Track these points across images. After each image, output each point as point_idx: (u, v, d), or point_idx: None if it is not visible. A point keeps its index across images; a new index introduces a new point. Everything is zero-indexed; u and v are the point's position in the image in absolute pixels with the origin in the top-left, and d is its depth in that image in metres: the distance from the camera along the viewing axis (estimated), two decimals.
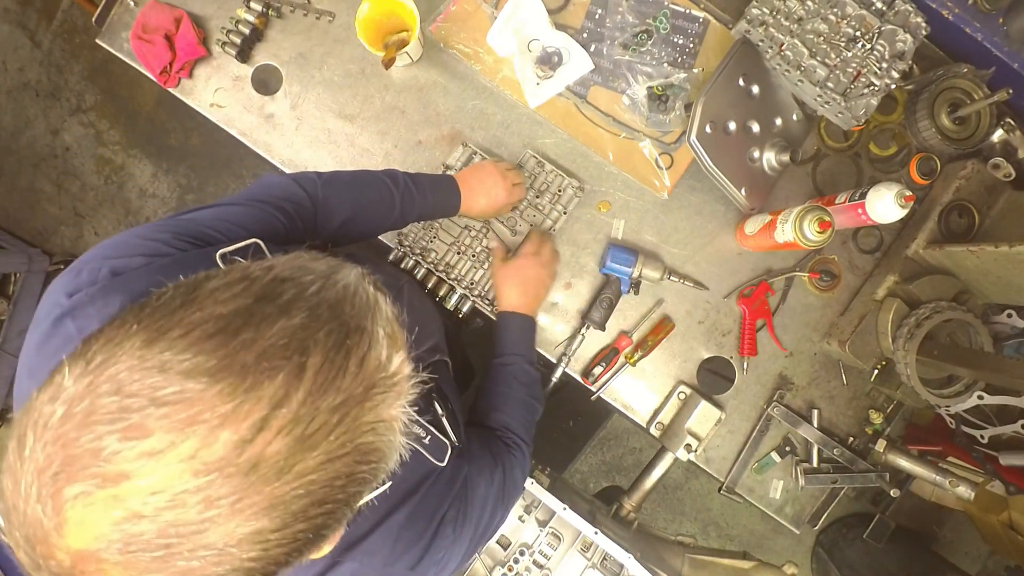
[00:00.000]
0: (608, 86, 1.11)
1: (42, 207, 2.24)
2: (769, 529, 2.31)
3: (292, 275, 0.40)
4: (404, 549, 0.63)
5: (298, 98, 1.10)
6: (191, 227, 0.65)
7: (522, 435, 0.89)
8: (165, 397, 0.33)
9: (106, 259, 0.59)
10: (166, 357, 0.34)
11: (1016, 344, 1.03)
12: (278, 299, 0.38)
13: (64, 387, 0.34)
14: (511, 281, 0.99)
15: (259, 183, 0.79)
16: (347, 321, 0.39)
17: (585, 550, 1.00)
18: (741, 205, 1.08)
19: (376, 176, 0.89)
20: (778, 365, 1.14)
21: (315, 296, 0.39)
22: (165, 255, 0.61)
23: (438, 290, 1.08)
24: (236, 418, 0.34)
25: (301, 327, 0.37)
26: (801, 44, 1.03)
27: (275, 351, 0.36)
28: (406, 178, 0.90)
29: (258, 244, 0.63)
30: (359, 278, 0.43)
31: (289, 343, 0.36)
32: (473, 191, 0.95)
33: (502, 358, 0.95)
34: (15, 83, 2.19)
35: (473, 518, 0.71)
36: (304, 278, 0.40)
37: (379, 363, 0.40)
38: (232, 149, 2.16)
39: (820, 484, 1.12)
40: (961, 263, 0.99)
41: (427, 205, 0.91)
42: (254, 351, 0.35)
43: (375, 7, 0.98)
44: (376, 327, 0.41)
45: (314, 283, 0.40)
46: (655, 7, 1.09)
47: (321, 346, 0.37)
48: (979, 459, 1.08)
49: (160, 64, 1.06)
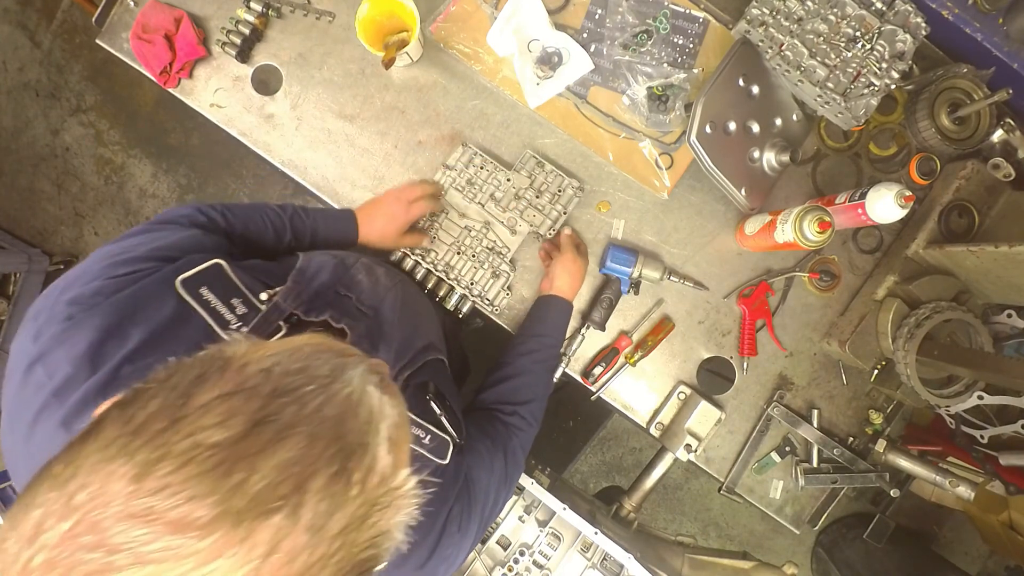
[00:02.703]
0: (608, 86, 1.11)
1: (42, 207, 2.24)
2: (769, 529, 2.31)
3: (292, 385, 0.38)
4: (411, 550, 0.62)
5: (298, 98, 1.11)
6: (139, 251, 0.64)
7: (536, 414, 0.90)
8: (151, 555, 0.31)
9: (62, 293, 0.58)
10: (153, 502, 0.31)
11: (1016, 344, 1.03)
12: (275, 422, 0.36)
13: (42, 529, 0.31)
14: (568, 269, 1.02)
15: (156, 216, 0.79)
16: (349, 441, 0.37)
17: (585, 550, 1.00)
18: (741, 205, 1.08)
19: (264, 204, 0.91)
20: (778, 365, 1.14)
21: (315, 415, 0.37)
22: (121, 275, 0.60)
23: (438, 290, 1.08)
24: (228, 569, 0.32)
25: (298, 459, 0.35)
26: (801, 44, 1.03)
27: (270, 491, 0.33)
28: (295, 206, 0.93)
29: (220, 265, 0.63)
30: (363, 380, 0.41)
31: (286, 480, 0.34)
32: (370, 215, 0.97)
33: (541, 338, 0.97)
34: (15, 83, 2.19)
35: (477, 510, 0.71)
36: (305, 388, 0.38)
37: (382, 479, 0.38)
38: (232, 149, 2.16)
39: (820, 484, 1.12)
40: (961, 263, 0.99)
41: (318, 228, 0.93)
42: (248, 495, 0.33)
43: (375, 7, 0.98)
44: (379, 441, 0.39)
45: (315, 397, 0.38)
46: (655, 7, 1.09)
47: (320, 477, 0.35)
48: (979, 459, 1.08)
49: (160, 64, 1.06)
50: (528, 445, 0.88)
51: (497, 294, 1.08)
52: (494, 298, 1.08)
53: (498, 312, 1.08)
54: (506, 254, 1.07)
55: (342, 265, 0.77)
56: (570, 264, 1.02)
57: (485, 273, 1.07)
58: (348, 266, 0.78)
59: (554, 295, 1.02)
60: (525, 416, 0.88)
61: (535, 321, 1.01)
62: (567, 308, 1.02)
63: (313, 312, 0.67)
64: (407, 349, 0.71)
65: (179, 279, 0.60)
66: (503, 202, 1.08)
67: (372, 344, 0.69)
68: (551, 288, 1.02)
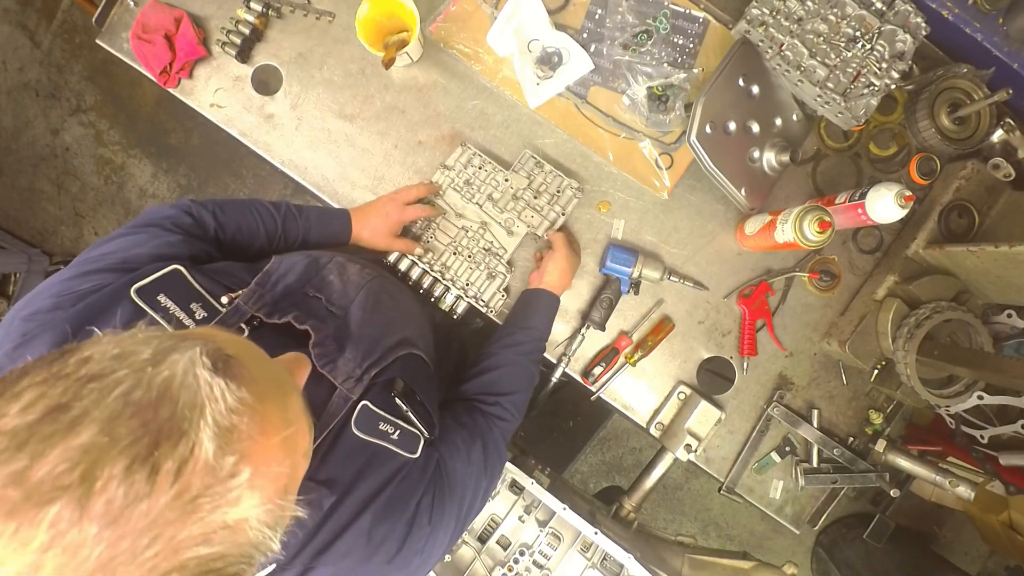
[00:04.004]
0: (608, 86, 1.11)
1: (42, 207, 2.24)
2: (769, 529, 2.31)
3: (106, 371, 0.35)
4: (378, 544, 0.62)
5: (298, 98, 1.11)
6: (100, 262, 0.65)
7: (519, 406, 0.89)
8: None
9: (19, 311, 0.59)
10: None
11: (1016, 344, 1.03)
12: (74, 408, 0.33)
13: None
14: (559, 264, 1.02)
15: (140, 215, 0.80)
16: (159, 427, 0.34)
17: (585, 550, 1.00)
18: (741, 205, 1.08)
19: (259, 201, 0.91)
20: (778, 365, 1.14)
21: (120, 399, 0.34)
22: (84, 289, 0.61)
23: (434, 290, 1.08)
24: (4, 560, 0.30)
25: (88, 446, 0.32)
26: (801, 44, 1.03)
27: (51, 479, 0.31)
28: (289, 204, 0.93)
29: (179, 271, 0.63)
30: (191, 364, 0.37)
31: (72, 468, 0.32)
32: (365, 214, 0.99)
33: (527, 330, 0.97)
34: (15, 83, 2.19)
35: (455, 500, 0.71)
36: (116, 374, 0.35)
37: (208, 469, 0.35)
38: (232, 149, 2.16)
39: (820, 484, 1.12)
40: (961, 263, 0.99)
41: (311, 228, 0.93)
42: (24, 487, 0.31)
43: (375, 7, 0.98)
44: (203, 427, 0.36)
45: (123, 382, 0.35)
46: (655, 7, 1.09)
47: (115, 465, 0.32)
48: (979, 459, 1.08)
49: (160, 64, 1.06)
50: (508, 436, 0.87)
51: (492, 296, 1.08)
52: (489, 299, 1.07)
53: (495, 313, 1.08)
54: (503, 255, 1.07)
55: (314, 266, 0.77)
56: (562, 260, 1.02)
57: (481, 274, 1.07)
58: (320, 266, 0.78)
59: (542, 288, 1.01)
60: (507, 407, 0.87)
61: (521, 313, 1.01)
62: (554, 302, 1.02)
63: (276, 314, 0.67)
64: (375, 347, 0.71)
65: (134, 287, 0.61)
66: (501, 203, 1.08)
67: (339, 344, 0.68)
68: (540, 281, 1.02)
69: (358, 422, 0.64)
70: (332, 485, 0.60)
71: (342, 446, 0.63)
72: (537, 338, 0.98)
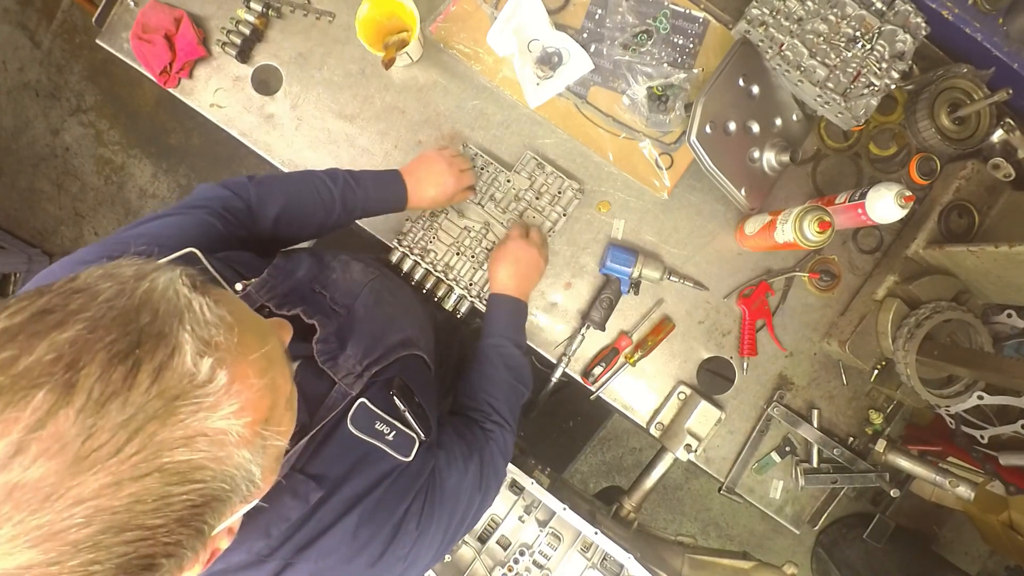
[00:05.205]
0: (608, 86, 1.11)
1: (42, 207, 2.24)
2: (769, 529, 2.31)
3: (89, 284, 0.37)
4: (362, 546, 0.62)
5: (298, 98, 1.11)
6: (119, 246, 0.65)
7: (506, 417, 0.86)
8: None
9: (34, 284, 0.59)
10: None
11: (1016, 344, 1.03)
12: (61, 310, 0.35)
13: None
14: (503, 262, 0.98)
15: (192, 193, 0.80)
16: (141, 329, 0.36)
17: (585, 550, 1.00)
18: (741, 205, 1.08)
19: (312, 174, 0.90)
20: (778, 365, 1.14)
21: (104, 304, 0.36)
22: None
23: (437, 290, 1.08)
24: None
25: (74, 340, 0.34)
26: (801, 44, 1.03)
27: (37, 368, 0.33)
28: (346, 174, 0.91)
29: (194, 253, 0.62)
30: (171, 281, 0.39)
31: (58, 359, 0.33)
32: (420, 181, 0.94)
33: (489, 339, 0.93)
34: (15, 83, 2.19)
35: (446, 511, 0.70)
36: (100, 286, 0.37)
37: (185, 372, 0.36)
38: (232, 149, 2.16)
39: (820, 484, 1.12)
40: (961, 263, 0.99)
41: (370, 199, 0.91)
42: (10, 373, 0.33)
43: (375, 7, 0.98)
44: (182, 333, 0.37)
45: (109, 289, 0.37)
46: (655, 7, 1.09)
47: (99, 358, 0.34)
48: (979, 459, 1.08)
49: (160, 64, 1.06)
50: (505, 447, 0.85)
51: None
52: (487, 282, 1.07)
53: None
54: None
55: (319, 263, 0.77)
56: (509, 253, 0.97)
57: (484, 274, 1.07)
58: (325, 264, 0.78)
59: (500, 294, 0.97)
60: (498, 421, 0.86)
61: (484, 324, 0.97)
62: (516, 307, 0.96)
63: (285, 306, 0.67)
64: (377, 345, 0.70)
65: None
66: (503, 203, 1.08)
67: (341, 341, 0.68)
68: (494, 285, 0.98)
69: (354, 419, 0.64)
70: (321, 480, 0.60)
71: (336, 441, 0.63)
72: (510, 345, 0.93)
